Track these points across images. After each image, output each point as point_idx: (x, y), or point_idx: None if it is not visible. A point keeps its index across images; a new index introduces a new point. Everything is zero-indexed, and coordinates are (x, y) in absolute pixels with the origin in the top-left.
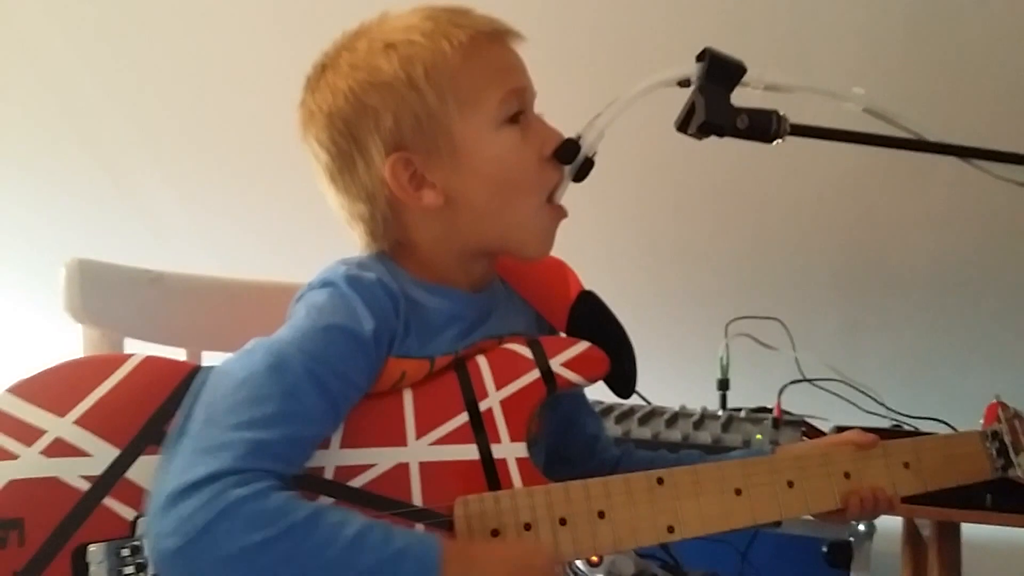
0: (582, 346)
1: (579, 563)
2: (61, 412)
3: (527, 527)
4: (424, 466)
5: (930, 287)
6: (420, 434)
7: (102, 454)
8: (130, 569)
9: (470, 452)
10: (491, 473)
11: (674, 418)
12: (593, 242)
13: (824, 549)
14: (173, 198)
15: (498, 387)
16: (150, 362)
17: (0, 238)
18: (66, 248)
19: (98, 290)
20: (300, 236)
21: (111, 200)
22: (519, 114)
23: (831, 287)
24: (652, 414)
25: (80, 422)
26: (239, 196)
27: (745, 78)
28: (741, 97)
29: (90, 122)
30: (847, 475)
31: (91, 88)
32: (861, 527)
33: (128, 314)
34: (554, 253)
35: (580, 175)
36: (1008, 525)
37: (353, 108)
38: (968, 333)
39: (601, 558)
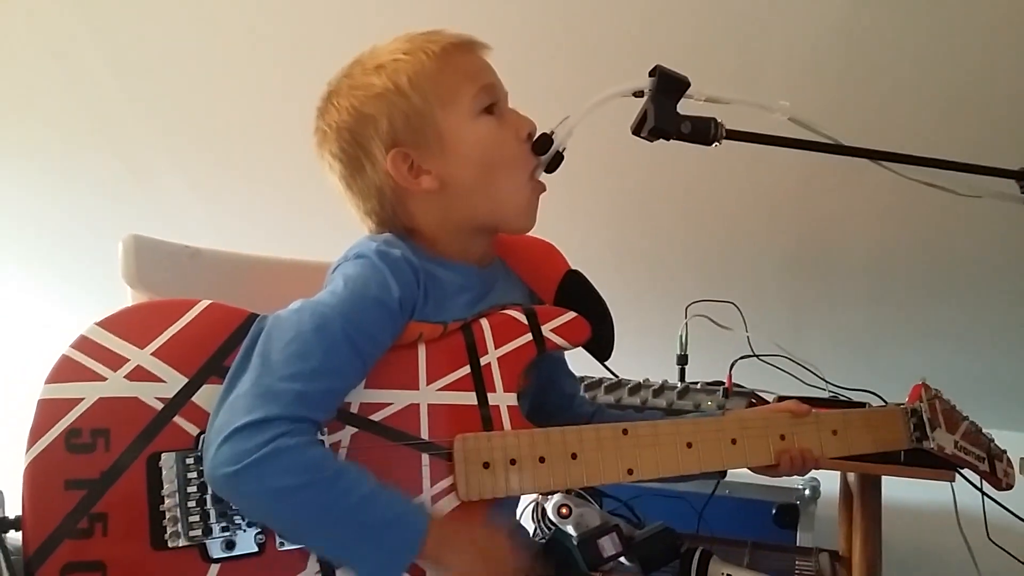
0: (569, 315)
1: (551, 515)
2: (141, 344)
3: (512, 463)
4: (432, 407)
5: (868, 273)
6: (430, 381)
7: (173, 380)
8: (193, 474)
9: (470, 398)
10: (486, 416)
11: (637, 387)
12: (572, 238)
13: (774, 511)
14: (183, 184)
15: (496, 346)
16: (214, 307)
17: (14, 224)
18: (79, 230)
19: (147, 261)
20: (298, 220)
21: (125, 186)
22: (493, 105)
23: (781, 274)
24: (618, 385)
25: (156, 353)
26: (246, 183)
27: (689, 91)
28: (686, 106)
29: (105, 111)
30: (782, 437)
31: (108, 79)
32: (807, 492)
33: (171, 282)
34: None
35: (552, 166)
36: (915, 477)
37: (355, 119)
38: (901, 315)
39: (570, 510)
